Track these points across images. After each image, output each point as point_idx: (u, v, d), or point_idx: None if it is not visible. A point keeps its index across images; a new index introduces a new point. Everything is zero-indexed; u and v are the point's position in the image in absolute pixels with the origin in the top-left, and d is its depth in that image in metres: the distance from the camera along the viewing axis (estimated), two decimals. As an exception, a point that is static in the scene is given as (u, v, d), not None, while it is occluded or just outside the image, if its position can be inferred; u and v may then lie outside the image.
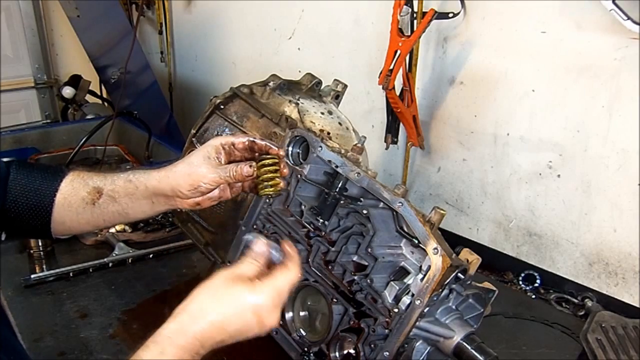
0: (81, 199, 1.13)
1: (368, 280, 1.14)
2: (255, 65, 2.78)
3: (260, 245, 0.95)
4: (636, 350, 1.41)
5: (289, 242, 0.99)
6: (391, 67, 1.75)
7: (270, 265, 0.96)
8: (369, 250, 1.14)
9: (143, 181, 1.13)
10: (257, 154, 1.12)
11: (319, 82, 1.66)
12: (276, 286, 0.90)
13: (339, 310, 1.20)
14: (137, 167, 1.16)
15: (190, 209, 1.16)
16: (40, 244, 1.84)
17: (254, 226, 1.31)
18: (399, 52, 1.73)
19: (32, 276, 1.68)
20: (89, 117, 3.30)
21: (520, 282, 1.79)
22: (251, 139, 1.10)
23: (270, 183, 1.05)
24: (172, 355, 0.80)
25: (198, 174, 1.08)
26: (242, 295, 0.87)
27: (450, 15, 1.77)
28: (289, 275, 0.92)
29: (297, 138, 1.27)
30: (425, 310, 1.05)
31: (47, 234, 1.16)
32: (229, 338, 0.88)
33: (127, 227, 1.94)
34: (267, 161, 1.06)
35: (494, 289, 1.24)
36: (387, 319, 1.10)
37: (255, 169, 1.07)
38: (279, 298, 0.90)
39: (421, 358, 1.16)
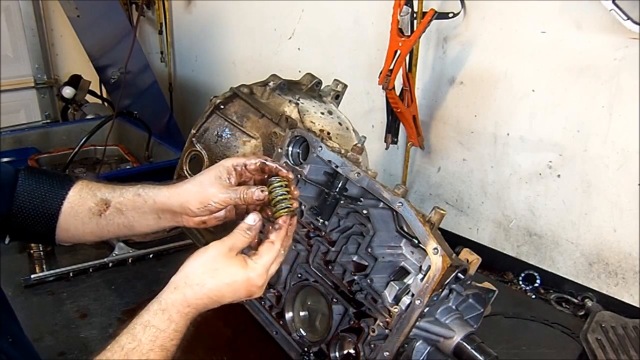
0: (88, 209, 1.14)
1: (368, 280, 1.14)
2: (255, 65, 2.78)
3: (252, 218, 1.02)
4: (636, 350, 1.41)
5: (287, 217, 1.04)
6: (391, 67, 1.75)
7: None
8: (369, 250, 1.14)
9: (152, 196, 1.13)
10: (266, 176, 1.11)
11: (319, 82, 1.66)
12: (264, 264, 0.99)
13: (339, 310, 1.20)
14: (146, 182, 1.17)
15: (197, 226, 1.16)
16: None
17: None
18: (399, 52, 1.73)
19: (32, 276, 1.68)
20: (89, 117, 3.30)
21: (520, 282, 1.79)
22: (262, 160, 1.10)
23: (283, 205, 1.05)
24: (178, 321, 0.92)
25: (208, 193, 1.09)
26: (237, 272, 0.97)
27: (450, 15, 1.77)
28: (272, 250, 1.00)
29: (297, 138, 1.27)
30: (425, 310, 1.05)
31: (51, 241, 1.17)
32: (218, 305, 0.98)
33: (127, 227, 1.94)
34: (278, 183, 1.06)
35: (494, 289, 1.24)
36: (387, 319, 1.10)
37: (266, 194, 1.07)
38: (267, 273, 1.00)
39: (421, 358, 1.16)
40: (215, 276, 0.95)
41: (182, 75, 3.43)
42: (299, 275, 1.28)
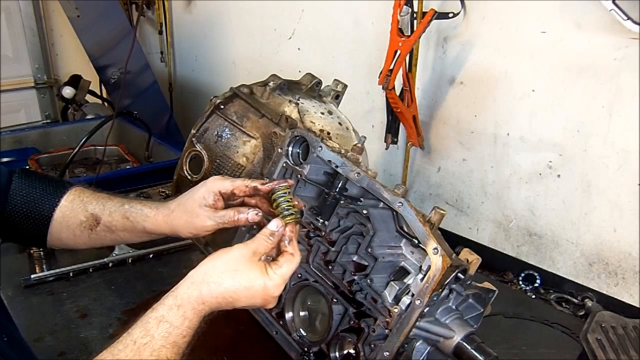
0: (79, 223, 1.15)
1: (368, 280, 1.14)
2: (255, 65, 2.78)
3: (275, 224, 1.02)
4: (636, 350, 1.41)
5: (293, 225, 1.05)
6: (391, 67, 1.75)
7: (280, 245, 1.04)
8: (369, 250, 1.14)
9: (141, 222, 1.14)
10: (260, 193, 1.11)
11: (319, 82, 1.66)
12: (283, 274, 0.99)
13: (339, 310, 1.20)
14: (133, 199, 1.18)
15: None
16: (40, 244, 1.84)
17: (254, 226, 1.31)
18: (399, 52, 1.73)
19: (32, 276, 1.68)
20: (89, 117, 3.30)
21: (520, 282, 1.79)
22: (254, 186, 1.10)
23: (292, 211, 1.05)
24: (192, 318, 0.92)
25: (197, 222, 1.10)
26: (256, 278, 0.96)
27: (450, 15, 1.77)
28: (293, 262, 1.01)
29: (297, 138, 1.27)
30: (425, 310, 1.05)
31: (43, 244, 1.18)
32: (232, 307, 0.98)
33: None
34: (282, 192, 1.06)
35: (494, 289, 1.24)
36: (387, 319, 1.10)
37: (262, 216, 1.09)
38: (284, 284, 1.00)
39: (421, 358, 1.16)
40: (234, 277, 0.95)
41: (182, 75, 3.43)
42: (299, 275, 1.28)
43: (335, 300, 1.20)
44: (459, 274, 1.07)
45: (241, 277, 0.95)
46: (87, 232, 1.15)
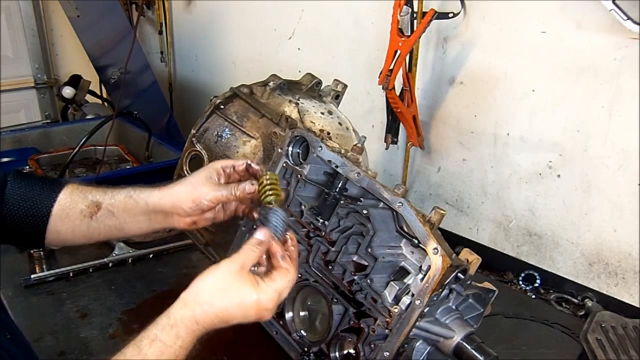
0: (79, 212, 1.14)
1: (368, 280, 1.14)
2: (255, 65, 2.78)
3: (261, 234, 1.01)
4: (636, 350, 1.41)
5: (292, 235, 1.05)
6: (391, 67, 1.75)
7: (271, 255, 1.03)
8: (369, 250, 1.14)
9: (144, 197, 1.14)
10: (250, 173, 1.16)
11: (319, 82, 1.66)
12: (277, 288, 0.98)
13: (339, 310, 1.20)
14: (137, 185, 1.20)
15: (187, 228, 1.18)
16: (40, 244, 1.84)
17: (254, 226, 1.31)
18: (399, 52, 1.73)
19: (32, 276, 1.69)
20: (89, 117, 3.30)
21: (520, 282, 1.79)
22: (247, 162, 1.16)
23: (271, 192, 1.07)
24: (185, 338, 0.92)
25: (200, 191, 1.11)
26: (247, 293, 0.95)
27: (450, 15, 1.77)
28: (288, 277, 1.00)
29: (297, 138, 1.27)
30: (425, 310, 1.05)
31: (41, 244, 1.17)
32: (227, 325, 0.97)
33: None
34: (267, 176, 1.10)
35: (494, 289, 1.24)
36: (387, 319, 1.10)
37: (256, 186, 1.10)
38: (279, 298, 0.98)
39: (421, 358, 1.16)
40: (224, 296, 0.95)
41: (182, 75, 3.43)
42: (299, 275, 1.28)
43: (335, 300, 1.20)
44: (459, 274, 1.07)
45: (232, 294, 0.95)
46: (87, 221, 1.14)
